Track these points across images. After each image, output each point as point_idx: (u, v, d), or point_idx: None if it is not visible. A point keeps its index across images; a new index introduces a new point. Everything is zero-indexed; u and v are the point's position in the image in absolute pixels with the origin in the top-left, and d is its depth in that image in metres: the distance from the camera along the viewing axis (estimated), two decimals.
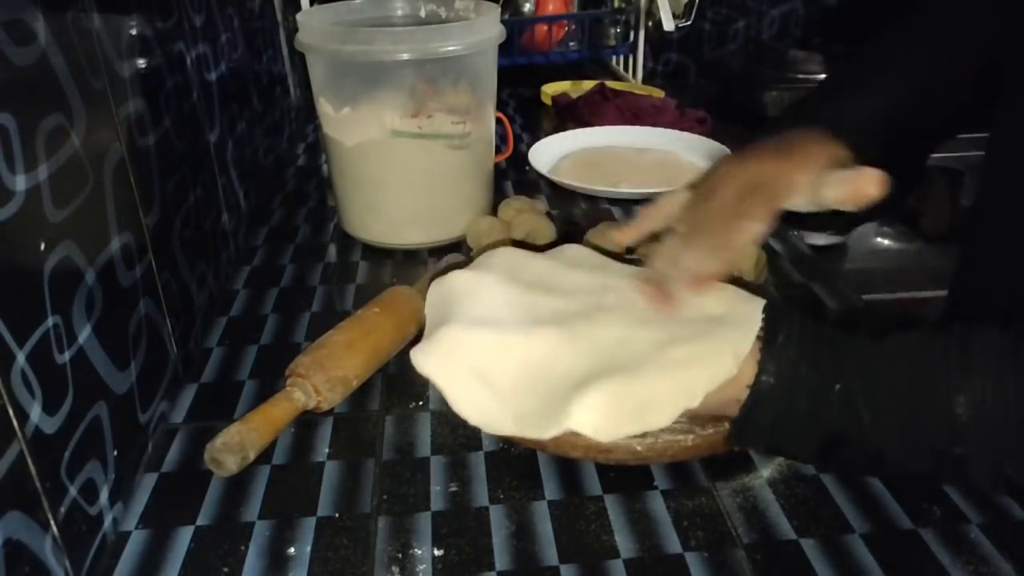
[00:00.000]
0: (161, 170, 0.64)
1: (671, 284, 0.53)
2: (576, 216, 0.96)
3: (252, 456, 0.55)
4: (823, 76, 1.29)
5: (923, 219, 1.28)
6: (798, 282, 0.80)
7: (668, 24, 1.36)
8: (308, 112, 1.33)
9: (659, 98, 1.31)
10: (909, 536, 0.50)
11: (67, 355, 0.46)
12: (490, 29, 0.82)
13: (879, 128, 0.61)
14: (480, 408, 0.51)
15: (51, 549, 0.43)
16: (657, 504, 0.53)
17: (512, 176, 1.08)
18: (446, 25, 0.84)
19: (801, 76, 1.30)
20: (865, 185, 0.52)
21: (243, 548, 0.50)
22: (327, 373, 0.60)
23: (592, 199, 1.02)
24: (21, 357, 0.41)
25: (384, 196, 0.86)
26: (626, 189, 1.00)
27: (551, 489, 0.55)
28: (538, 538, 0.51)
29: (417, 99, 0.82)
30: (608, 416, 0.48)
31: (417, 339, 0.56)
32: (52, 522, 0.44)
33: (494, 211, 0.92)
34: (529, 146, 1.11)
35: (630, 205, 0.99)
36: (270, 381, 0.65)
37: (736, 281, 0.56)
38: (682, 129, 1.18)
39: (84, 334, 0.48)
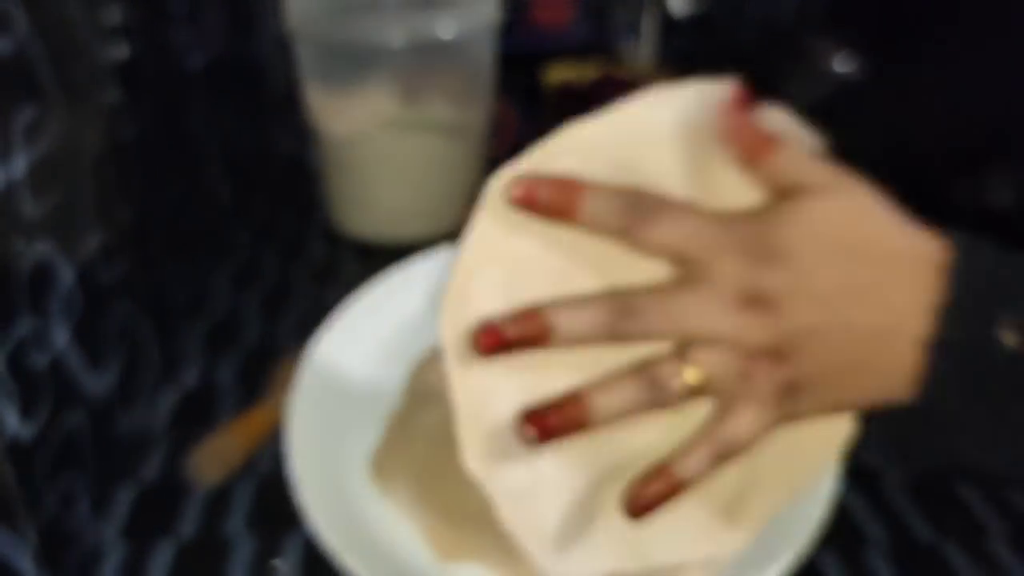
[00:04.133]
0: (142, 164, 0.62)
1: None
2: None
3: (236, 466, 0.54)
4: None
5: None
6: None
7: (678, 8, 1.35)
8: (295, 101, 1.31)
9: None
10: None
11: (44, 359, 0.45)
12: (488, 12, 0.80)
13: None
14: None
15: (30, 563, 0.43)
16: None
17: None
18: (441, 8, 0.82)
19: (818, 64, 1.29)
20: None
21: (226, 562, 0.49)
22: None
23: None
24: None
25: (375, 189, 0.84)
26: None
27: None
28: None
29: (411, 87, 0.80)
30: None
31: None
32: (30, 535, 0.43)
33: None
34: (529, 137, 1.08)
35: None
36: (255, 387, 0.63)
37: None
38: None
39: (62, 337, 0.47)
